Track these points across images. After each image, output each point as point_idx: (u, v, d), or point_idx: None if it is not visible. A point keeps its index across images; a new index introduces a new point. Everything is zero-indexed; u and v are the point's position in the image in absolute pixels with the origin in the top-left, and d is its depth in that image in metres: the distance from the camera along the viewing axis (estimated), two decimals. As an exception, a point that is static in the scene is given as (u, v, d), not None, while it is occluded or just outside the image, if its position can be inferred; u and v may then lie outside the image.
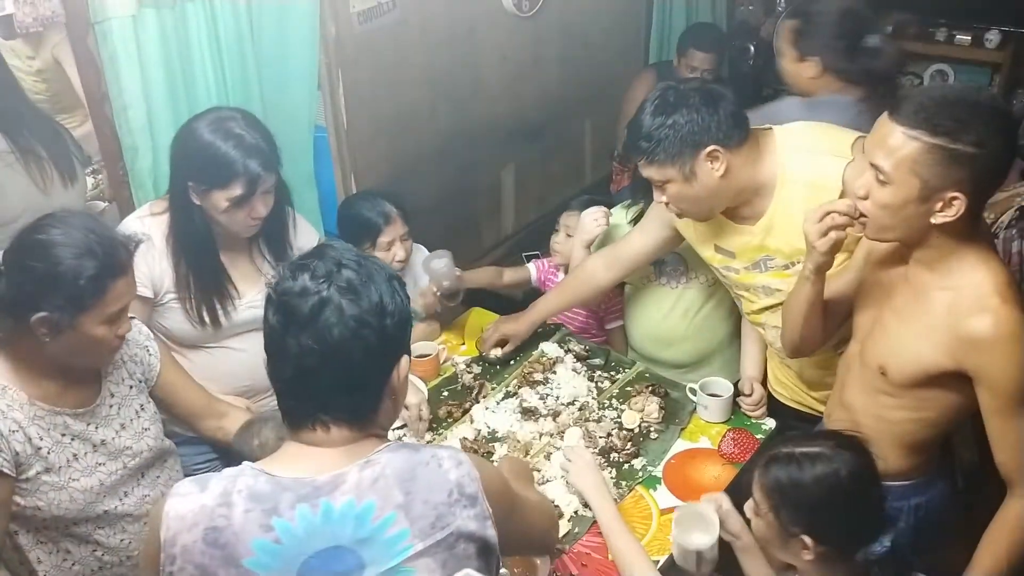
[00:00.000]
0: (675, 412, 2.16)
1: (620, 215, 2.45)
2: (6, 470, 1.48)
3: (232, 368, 2.08)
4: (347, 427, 1.17)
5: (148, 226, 1.95)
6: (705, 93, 1.79)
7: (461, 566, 1.16)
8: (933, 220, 1.46)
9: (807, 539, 1.47)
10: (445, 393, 2.29)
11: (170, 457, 1.82)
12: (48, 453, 1.55)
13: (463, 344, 2.51)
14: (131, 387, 1.71)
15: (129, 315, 1.61)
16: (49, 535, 1.62)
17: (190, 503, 1.14)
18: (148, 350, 1.76)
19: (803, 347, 1.86)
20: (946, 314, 1.51)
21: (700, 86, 1.82)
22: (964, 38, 4.01)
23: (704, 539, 1.67)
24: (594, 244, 2.41)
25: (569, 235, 2.55)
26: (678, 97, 1.79)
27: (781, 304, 1.91)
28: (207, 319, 1.99)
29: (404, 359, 1.22)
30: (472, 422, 2.16)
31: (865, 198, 1.51)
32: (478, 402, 2.23)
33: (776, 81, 4.41)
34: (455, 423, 2.17)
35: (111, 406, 1.66)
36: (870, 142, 1.50)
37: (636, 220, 2.35)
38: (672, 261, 2.33)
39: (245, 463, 1.19)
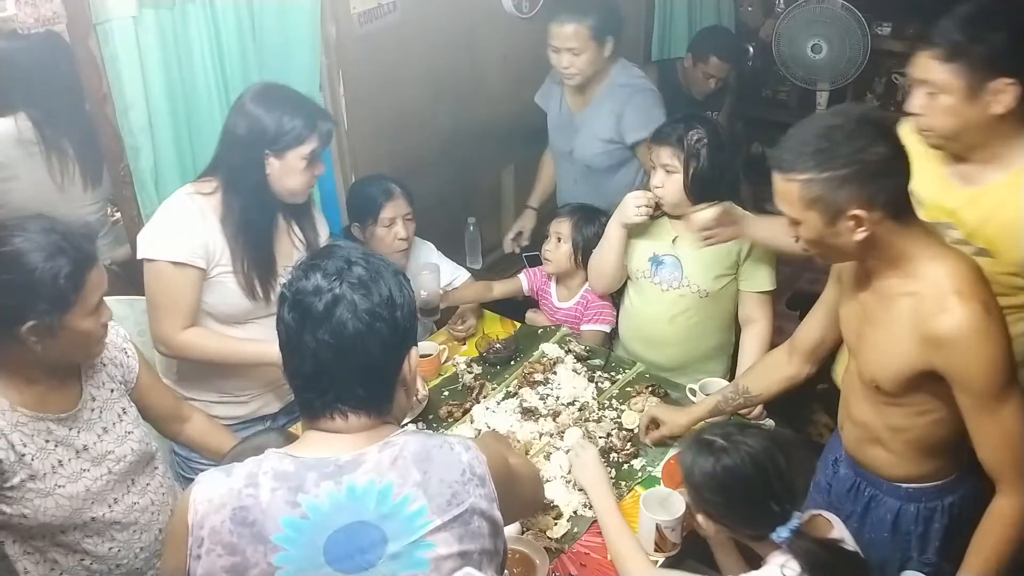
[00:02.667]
0: (675, 412, 2.16)
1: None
2: None
3: None
4: (364, 415, 1.22)
5: (200, 204, 1.99)
6: None
7: (476, 541, 1.21)
8: (855, 239, 1.51)
9: (700, 516, 1.59)
10: (446, 393, 2.30)
11: (159, 464, 1.81)
12: (32, 460, 1.53)
13: (464, 344, 2.52)
14: (112, 390, 1.70)
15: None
16: (36, 544, 1.60)
17: (217, 487, 1.18)
18: (126, 352, 1.76)
19: None
20: (911, 317, 1.54)
21: None
22: (963, 39, 4.01)
23: (664, 516, 1.76)
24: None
25: (560, 240, 2.55)
26: (1008, 7, 1.66)
27: None
28: (260, 293, 2.04)
29: (413, 350, 1.28)
30: (472, 422, 2.16)
31: (798, 240, 1.59)
32: (479, 402, 2.23)
33: (776, 82, 4.47)
34: (456, 423, 2.17)
35: (92, 410, 1.65)
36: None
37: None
38: (670, 264, 2.32)
39: (268, 449, 1.23)
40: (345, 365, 1.19)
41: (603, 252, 2.41)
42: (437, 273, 2.43)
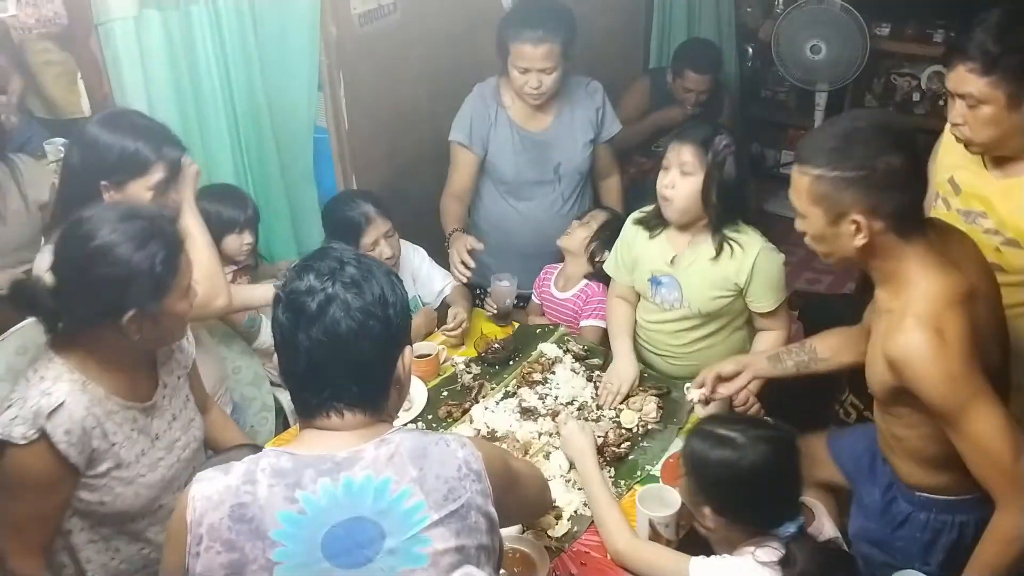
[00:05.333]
0: (673, 411, 2.17)
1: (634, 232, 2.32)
2: (80, 467, 1.47)
3: None
4: (360, 412, 1.24)
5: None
6: None
7: (473, 537, 1.22)
8: (855, 244, 1.53)
9: (706, 509, 1.61)
10: (445, 393, 2.30)
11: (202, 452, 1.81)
12: (120, 449, 1.53)
13: (462, 344, 2.52)
14: (179, 377, 1.70)
15: None
16: (103, 532, 1.60)
17: (215, 484, 1.20)
18: (188, 337, 1.76)
19: None
20: (883, 333, 1.57)
21: None
22: (962, 40, 4.01)
23: (661, 512, 1.76)
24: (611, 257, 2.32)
25: (584, 226, 2.57)
26: None
27: None
28: None
29: (407, 349, 1.29)
30: (472, 422, 2.17)
31: (804, 234, 1.61)
32: (477, 402, 2.24)
33: (775, 82, 4.48)
34: (455, 423, 2.18)
35: (164, 397, 1.65)
36: None
37: (645, 224, 2.28)
38: (668, 284, 2.25)
39: (266, 447, 1.25)
40: (339, 363, 1.21)
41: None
42: (513, 283, 2.49)
